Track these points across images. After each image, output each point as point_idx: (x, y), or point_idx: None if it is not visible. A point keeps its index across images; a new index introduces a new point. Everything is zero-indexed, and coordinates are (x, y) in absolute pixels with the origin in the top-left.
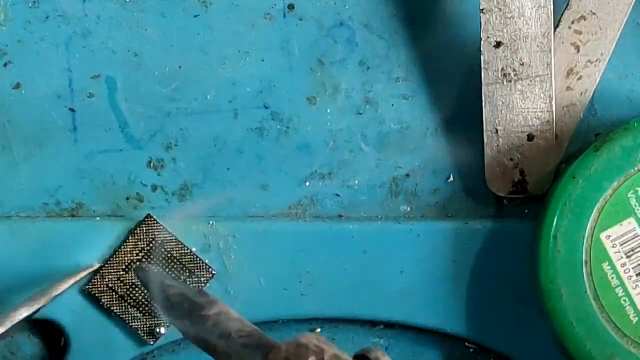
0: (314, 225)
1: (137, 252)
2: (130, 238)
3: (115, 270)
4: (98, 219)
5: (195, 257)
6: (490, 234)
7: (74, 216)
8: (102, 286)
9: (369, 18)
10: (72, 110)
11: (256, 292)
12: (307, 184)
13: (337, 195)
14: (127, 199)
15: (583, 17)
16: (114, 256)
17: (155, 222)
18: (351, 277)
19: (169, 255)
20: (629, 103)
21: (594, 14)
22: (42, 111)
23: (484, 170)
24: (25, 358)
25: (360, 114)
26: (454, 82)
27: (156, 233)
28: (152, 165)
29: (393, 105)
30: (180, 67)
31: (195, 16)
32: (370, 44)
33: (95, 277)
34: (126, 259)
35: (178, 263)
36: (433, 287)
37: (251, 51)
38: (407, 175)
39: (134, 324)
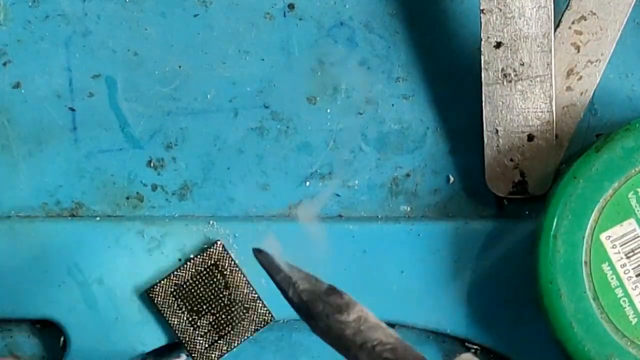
0: (314, 225)
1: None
2: (197, 257)
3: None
4: (98, 218)
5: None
6: (490, 234)
7: (73, 216)
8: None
9: (369, 18)
10: (72, 109)
11: None
12: (307, 183)
13: (337, 195)
14: (127, 198)
15: (583, 17)
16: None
17: (225, 251)
18: (351, 277)
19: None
20: (629, 103)
21: (594, 14)
22: (42, 110)
23: (484, 170)
24: (25, 358)
25: (360, 114)
26: (454, 82)
27: (222, 260)
28: (152, 164)
29: (393, 105)
30: (180, 67)
31: (195, 15)
32: (370, 44)
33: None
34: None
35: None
36: (433, 287)
37: (251, 50)
38: (407, 175)
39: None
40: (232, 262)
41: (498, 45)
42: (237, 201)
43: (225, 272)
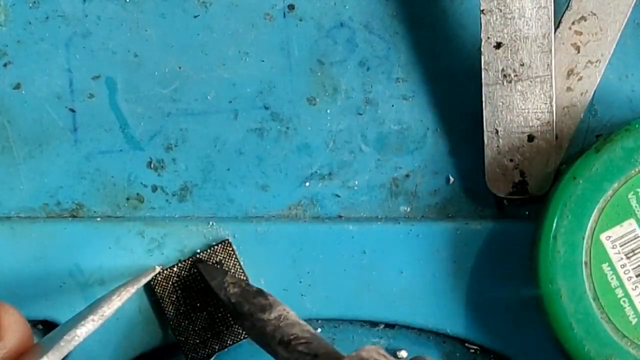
0: (314, 225)
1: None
2: (202, 253)
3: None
4: (98, 219)
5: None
6: (490, 234)
7: (74, 216)
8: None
9: (369, 18)
10: (72, 110)
11: None
12: (307, 184)
13: (337, 195)
14: (127, 199)
15: (583, 18)
16: (182, 261)
17: (232, 249)
18: (351, 277)
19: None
20: (629, 103)
21: (594, 14)
22: (42, 111)
23: (484, 170)
24: None
25: (360, 114)
26: (454, 82)
27: (227, 259)
28: (152, 165)
29: (393, 105)
30: (180, 68)
31: (195, 16)
32: (370, 44)
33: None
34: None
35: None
36: (433, 287)
37: (251, 51)
38: (407, 176)
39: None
40: (237, 263)
41: (498, 45)
42: (236, 202)
43: (228, 272)
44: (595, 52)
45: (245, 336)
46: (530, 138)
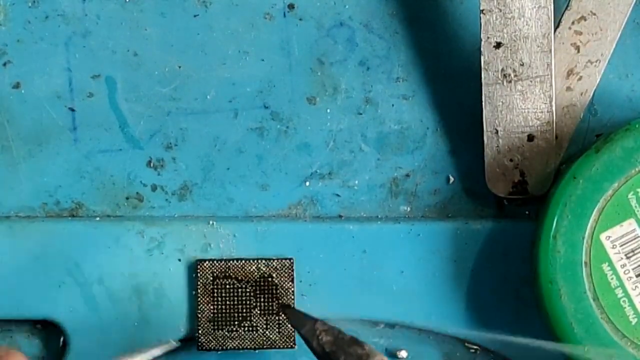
0: (314, 225)
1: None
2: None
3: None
4: (97, 218)
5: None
6: (490, 234)
7: (73, 216)
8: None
9: (369, 18)
10: (72, 109)
11: None
12: (307, 183)
13: (337, 195)
14: (127, 198)
15: (583, 18)
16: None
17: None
18: (351, 277)
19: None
20: (629, 103)
21: (594, 14)
22: (42, 111)
23: (484, 170)
24: None
25: (360, 114)
26: (454, 82)
27: (284, 278)
28: (151, 164)
29: (393, 105)
30: (179, 67)
31: (195, 16)
32: (370, 44)
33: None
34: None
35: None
36: (433, 287)
37: (251, 51)
38: (407, 176)
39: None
40: (291, 284)
41: (498, 45)
42: (236, 201)
43: (278, 288)
44: (595, 51)
45: (264, 348)
46: (530, 138)
